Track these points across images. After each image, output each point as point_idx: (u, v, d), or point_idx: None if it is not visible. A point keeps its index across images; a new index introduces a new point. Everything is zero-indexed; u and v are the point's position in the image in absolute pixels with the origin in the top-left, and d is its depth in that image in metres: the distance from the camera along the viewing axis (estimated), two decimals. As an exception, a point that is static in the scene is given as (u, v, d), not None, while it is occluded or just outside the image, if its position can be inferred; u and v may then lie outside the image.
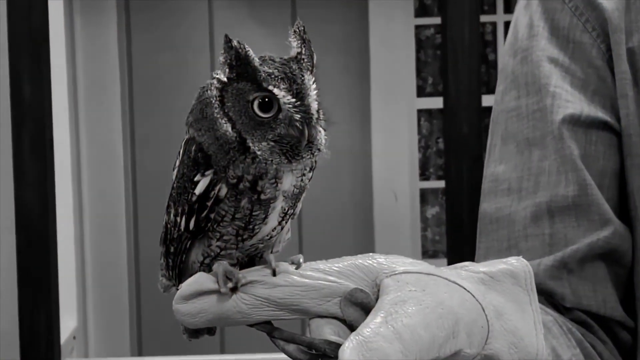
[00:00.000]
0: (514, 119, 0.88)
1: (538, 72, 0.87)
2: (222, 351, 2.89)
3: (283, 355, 0.60)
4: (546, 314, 0.79)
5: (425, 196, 2.97)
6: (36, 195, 1.85)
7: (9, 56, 1.81)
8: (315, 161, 0.61)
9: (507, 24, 2.89)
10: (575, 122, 0.84)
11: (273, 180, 0.59)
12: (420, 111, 2.94)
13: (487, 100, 1.65)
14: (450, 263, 1.07)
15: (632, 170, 0.83)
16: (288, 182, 0.60)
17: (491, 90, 2.55)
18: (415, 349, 0.55)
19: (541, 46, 0.87)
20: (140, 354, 2.92)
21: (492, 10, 2.91)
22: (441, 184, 2.88)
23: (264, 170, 0.58)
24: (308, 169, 0.61)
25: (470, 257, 0.89)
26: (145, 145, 2.88)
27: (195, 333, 0.67)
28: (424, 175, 2.97)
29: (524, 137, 0.87)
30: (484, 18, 2.77)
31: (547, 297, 0.83)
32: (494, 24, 2.93)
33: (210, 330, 0.67)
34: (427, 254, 2.94)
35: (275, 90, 0.58)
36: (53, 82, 1.91)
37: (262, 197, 0.59)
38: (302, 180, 0.60)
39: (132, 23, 2.88)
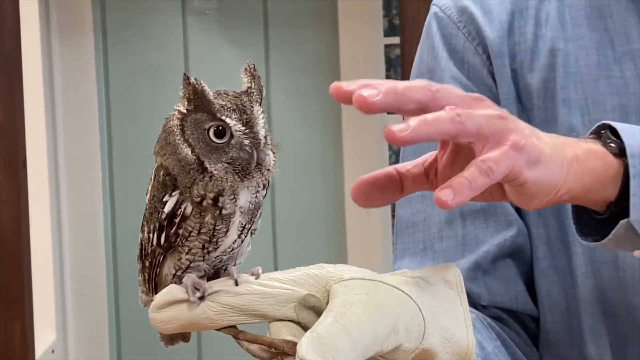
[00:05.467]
0: None
1: None
2: (199, 359, 2.95)
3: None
4: (470, 312, 0.88)
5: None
6: (10, 212, 1.91)
7: (-19, 79, 1.87)
8: (268, 180, 0.70)
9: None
10: None
11: (232, 197, 0.68)
12: (391, 127, 3.00)
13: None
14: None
15: None
16: (244, 198, 0.69)
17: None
18: (362, 343, 0.63)
19: (442, 65, 0.96)
20: (119, 366, 2.98)
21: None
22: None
23: (221, 188, 0.67)
24: (261, 186, 0.70)
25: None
26: (123, 164, 2.94)
27: (171, 340, 0.76)
28: (395, 189, 3.02)
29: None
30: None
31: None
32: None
33: (185, 337, 0.76)
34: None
35: (228, 120, 0.67)
36: (30, 104, 1.97)
37: (224, 212, 0.68)
38: (256, 196, 0.69)
39: (109, 45, 2.94)
